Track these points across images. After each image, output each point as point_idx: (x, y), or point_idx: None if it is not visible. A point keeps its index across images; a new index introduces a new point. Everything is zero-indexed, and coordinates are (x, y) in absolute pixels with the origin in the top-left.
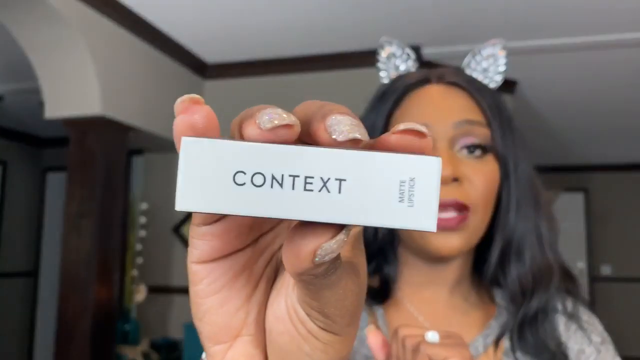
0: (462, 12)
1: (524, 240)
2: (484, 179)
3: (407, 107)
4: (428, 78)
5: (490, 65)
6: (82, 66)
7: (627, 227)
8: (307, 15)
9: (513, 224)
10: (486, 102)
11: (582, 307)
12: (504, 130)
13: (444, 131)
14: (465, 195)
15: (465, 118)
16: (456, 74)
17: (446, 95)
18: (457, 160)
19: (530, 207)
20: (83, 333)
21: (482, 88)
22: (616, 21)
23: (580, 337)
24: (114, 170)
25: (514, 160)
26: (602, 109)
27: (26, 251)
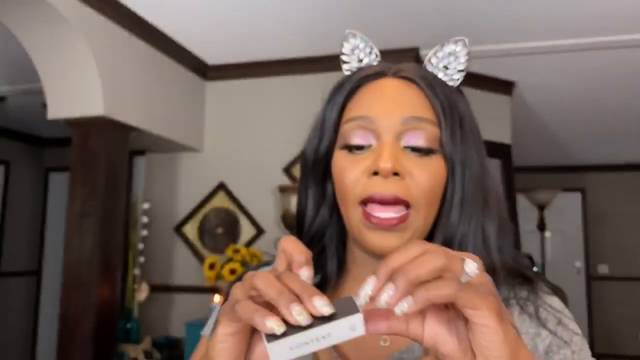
0: (460, 14)
1: (467, 241)
2: (427, 176)
3: (359, 98)
4: (384, 71)
5: (451, 62)
6: (85, 67)
7: (624, 226)
8: (307, 17)
9: (455, 224)
10: (439, 101)
11: (541, 293)
12: (454, 129)
13: (391, 125)
14: (406, 191)
15: (414, 115)
16: (414, 69)
17: (399, 90)
18: (401, 155)
19: (476, 208)
20: (85, 331)
21: (438, 86)
22: (613, 23)
23: (536, 319)
24: (116, 170)
25: (461, 161)
26: (600, 110)
27: (29, 250)
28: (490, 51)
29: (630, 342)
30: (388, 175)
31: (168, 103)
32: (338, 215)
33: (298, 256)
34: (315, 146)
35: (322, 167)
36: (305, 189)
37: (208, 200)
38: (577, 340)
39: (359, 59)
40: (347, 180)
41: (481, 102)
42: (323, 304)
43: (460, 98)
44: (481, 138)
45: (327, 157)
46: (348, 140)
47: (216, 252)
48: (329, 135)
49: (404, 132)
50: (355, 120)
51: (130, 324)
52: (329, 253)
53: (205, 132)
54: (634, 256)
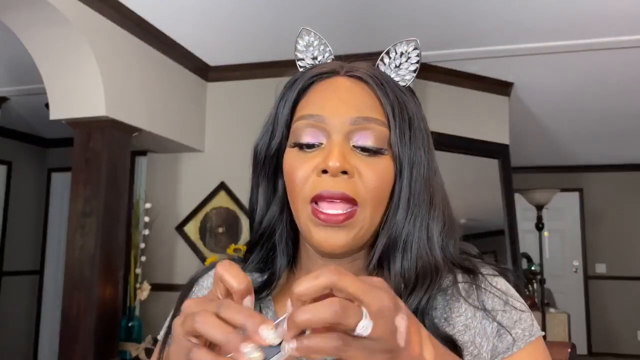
0: (459, 15)
1: (411, 239)
2: (375, 175)
3: (311, 96)
4: (337, 70)
5: (403, 63)
6: (87, 68)
7: (622, 226)
8: (306, 19)
9: (401, 223)
10: (389, 101)
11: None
12: (403, 130)
13: (341, 124)
14: (353, 189)
15: (363, 115)
16: (366, 69)
17: (350, 89)
18: (349, 155)
19: (422, 207)
20: (87, 330)
21: (388, 86)
22: (610, 24)
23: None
24: (118, 171)
25: (409, 161)
26: (597, 111)
27: (31, 250)
28: (488, 52)
29: (627, 341)
30: (336, 173)
31: (169, 104)
32: (289, 211)
33: (238, 285)
34: (266, 143)
35: (274, 164)
36: (257, 186)
37: (209, 200)
38: (525, 317)
39: (313, 56)
40: (297, 178)
41: (479, 103)
42: (270, 334)
43: (410, 98)
44: (430, 138)
45: (278, 154)
46: (299, 138)
47: (217, 251)
48: (280, 132)
49: (354, 131)
50: (306, 119)
51: (132, 323)
52: (279, 250)
53: (207, 133)
54: (631, 255)
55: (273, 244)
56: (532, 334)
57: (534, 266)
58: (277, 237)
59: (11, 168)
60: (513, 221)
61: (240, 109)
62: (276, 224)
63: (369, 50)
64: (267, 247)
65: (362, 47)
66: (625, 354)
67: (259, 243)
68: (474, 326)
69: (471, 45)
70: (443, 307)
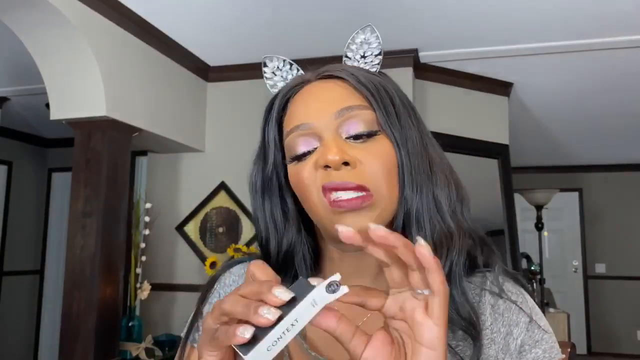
0: (458, 16)
1: (421, 211)
2: (376, 158)
3: (292, 109)
4: (308, 78)
5: (366, 50)
6: (87, 68)
7: (621, 226)
8: (306, 19)
9: (409, 197)
10: (364, 86)
11: (507, 284)
12: (387, 107)
13: (327, 123)
14: (360, 177)
15: (344, 106)
16: (334, 67)
17: (325, 88)
18: (345, 146)
19: (423, 177)
20: (88, 330)
21: (361, 73)
22: (610, 24)
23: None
24: (119, 171)
25: (400, 136)
26: (597, 111)
27: (32, 250)
28: (488, 52)
29: (627, 341)
30: (338, 166)
31: (170, 104)
32: (305, 226)
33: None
34: (261, 170)
35: (276, 187)
36: (264, 214)
37: (209, 200)
38: (547, 338)
39: (283, 77)
40: (304, 180)
41: (479, 103)
42: (281, 291)
43: (385, 79)
44: (415, 110)
45: (277, 175)
46: (294, 152)
47: (217, 251)
48: (273, 155)
49: (341, 124)
50: (294, 132)
51: (133, 323)
52: (302, 266)
53: (207, 133)
54: (631, 255)
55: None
56: (552, 357)
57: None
58: (299, 255)
59: (11, 168)
60: (513, 221)
61: (240, 109)
62: (296, 245)
63: None
64: (290, 266)
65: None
66: (625, 354)
67: (283, 265)
68: (498, 341)
69: (471, 45)
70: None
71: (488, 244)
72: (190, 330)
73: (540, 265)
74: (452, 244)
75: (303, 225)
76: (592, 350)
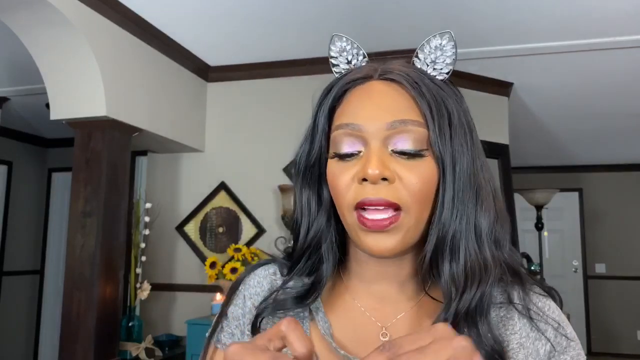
0: (458, 16)
1: (459, 237)
2: (416, 178)
3: (346, 103)
4: (370, 74)
5: (438, 57)
6: (87, 69)
7: (621, 226)
8: (306, 19)
9: (447, 221)
10: (425, 100)
11: (534, 294)
12: (442, 128)
13: (377, 130)
14: (395, 194)
15: (400, 118)
16: (400, 69)
17: (384, 93)
18: (389, 160)
19: (468, 204)
20: (88, 330)
21: (424, 84)
22: (609, 25)
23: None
24: (119, 171)
25: (451, 158)
26: (597, 110)
27: (32, 250)
28: (487, 52)
29: (627, 341)
30: (376, 181)
31: (169, 104)
32: (336, 218)
33: (301, 350)
34: (306, 152)
35: (316, 173)
36: (301, 197)
37: (209, 200)
38: (574, 346)
39: (347, 60)
40: (340, 187)
41: (479, 103)
42: None
43: (449, 92)
44: (473, 131)
45: (320, 162)
46: (337, 148)
47: (217, 251)
48: (319, 142)
49: (391, 136)
50: (342, 128)
51: (132, 323)
52: (326, 256)
53: (207, 133)
54: (631, 255)
55: (319, 251)
56: None
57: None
58: (326, 244)
59: (11, 168)
60: (513, 221)
61: (240, 109)
62: (323, 233)
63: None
64: (315, 255)
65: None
66: (625, 354)
67: (307, 252)
68: (527, 346)
69: (471, 45)
70: (497, 324)
71: (520, 274)
72: (214, 330)
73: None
74: (487, 276)
75: (334, 216)
76: (592, 350)
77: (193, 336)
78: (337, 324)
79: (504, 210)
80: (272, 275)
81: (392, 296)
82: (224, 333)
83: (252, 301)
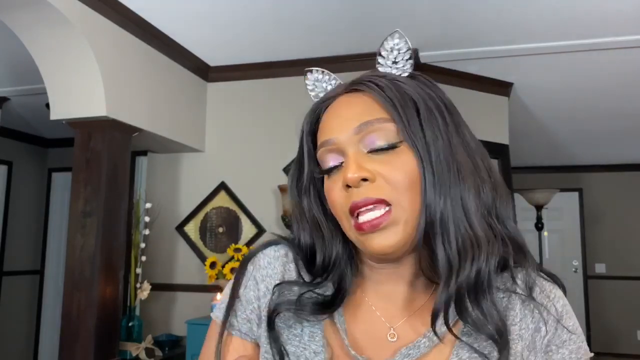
0: (459, 17)
1: (447, 219)
2: (395, 170)
3: (322, 124)
4: (339, 92)
5: (397, 56)
6: (87, 68)
7: (621, 226)
8: (306, 20)
9: (431, 205)
10: (387, 97)
11: (539, 281)
12: (409, 116)
13: (349, 138)
14: (379, 190)
15: (363, 120)
16: (363, 78)
17: (349, 103)
18: (366, 161)
19: (451, 184)
20: (87, 330)
21: (385, 84)
22: (610, 24)
23: (537, 315)
24: (119, 171)
25: (424, 144)
26: (597, 111)
27: (32, 250)
28: (487, 52)
29: (627, 341)
30: (357, 184)
31: (170, 104)
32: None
33: None
34: (297, 177)
35: (317, 195)
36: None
37: (209, 200)
38: (574, 339)
39: (323, 89)
40: (333, 200)
41: (479, 103)
42: None
43: (413, 84)
44: (447, 111)
45: (315, 184)
46: (323, 166)
47: (217, 251)
48: (308, 164)
49: (362, 139)
50: (323, 146)
51: (132, 323)
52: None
53: (207, 133)
54: (631, 255)
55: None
56: (579, 358)
57: None
58: (344, 263)
59: (11, 168)
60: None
61: (240, 109)
62: (342, 253)
63: (368, 51)
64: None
65: (362, 48)
66: (625, 354)
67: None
68: (525, 338)
69: (471, 45)
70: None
71: (524, 249)
72: (228, 315)
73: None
74: (480, 251)
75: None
76: (592, 350)
77: (193, 336)
78: (351, 321)
79: (500, 181)
80: (284, 257)
81: (401, 297)
82: (238, 319)
83: (266, 284)
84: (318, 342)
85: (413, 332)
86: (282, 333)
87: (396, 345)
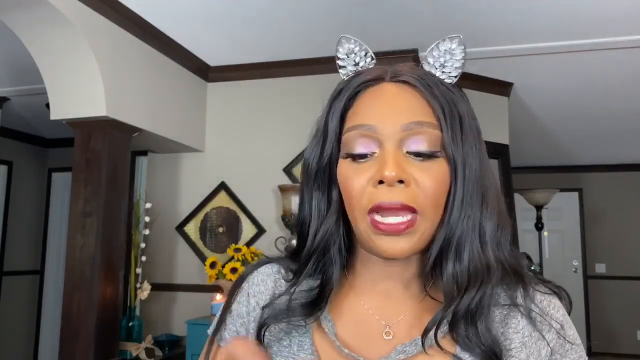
0: (458, 16)
1: (464, 240)
2: (431, 181)
3: (359, 105)
4: (382, 76)
5: (447, 60)
6: (87, 69)
7: (621, 226)
8: (306, 19)
9: (455, 223)
10: (438, 102)
11: (538, 295)
12: (454, 130)
13: (392, 132)
14: (412, 197)
15: (414, 120)
16: (411, 71)
17: (398, 95)
18: (404, 162)
19: (475, 206)
20: (88, 330)
21: (435, 86)
22: (609, 25)
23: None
24: (119, 171)
25: (462, 160)
26: (597, 111)
27: (32, 250)
28: (488, 52)
29: (627, 341)
30: (393, 183)
31: (170, 104)
32: (344, 221)
33: None
34: (318, 155)
35: (327, 175)
36: (310, 198)
37: (209, 200)
38: (576, 349)
39: (355, 62)
40: (354, 190)
41: (479, 103)
42: None
43: (459, 96)
44: (480, 134)
45: (330, 165)
46: (351, 149)
47: (217, 251)
48: (331, 144)
49: (406, 138)
50: (356, 129)
51: (132, 323)
52: (334, 259)
53: (207, 133)
54: (631, 255)
55: (327, 254)
56: None
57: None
58: (334, 248)
59: (11, 168)
60: (513, 221)
61: (240, 109)
62: (332, 235)
63: None
64: (322, 257)
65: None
66: (625, 354)
67: (315, 254)
68: (529, 345)
69: (471, 45)
70: (500, 322)
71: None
72: (218, 328)
73: (540, 265)
74: (489, 277)
75: (343, 218)
76: (592, 350)
77: (193, 336)
78: (341, 323)
79: (505, 212)
80: (276, 274)
81: (396, 295)
82: (227, 331)
83: (257, 299)
84: (307, 350)
85: (408, 330)
86: (271, 346)
87: (392, 343)
